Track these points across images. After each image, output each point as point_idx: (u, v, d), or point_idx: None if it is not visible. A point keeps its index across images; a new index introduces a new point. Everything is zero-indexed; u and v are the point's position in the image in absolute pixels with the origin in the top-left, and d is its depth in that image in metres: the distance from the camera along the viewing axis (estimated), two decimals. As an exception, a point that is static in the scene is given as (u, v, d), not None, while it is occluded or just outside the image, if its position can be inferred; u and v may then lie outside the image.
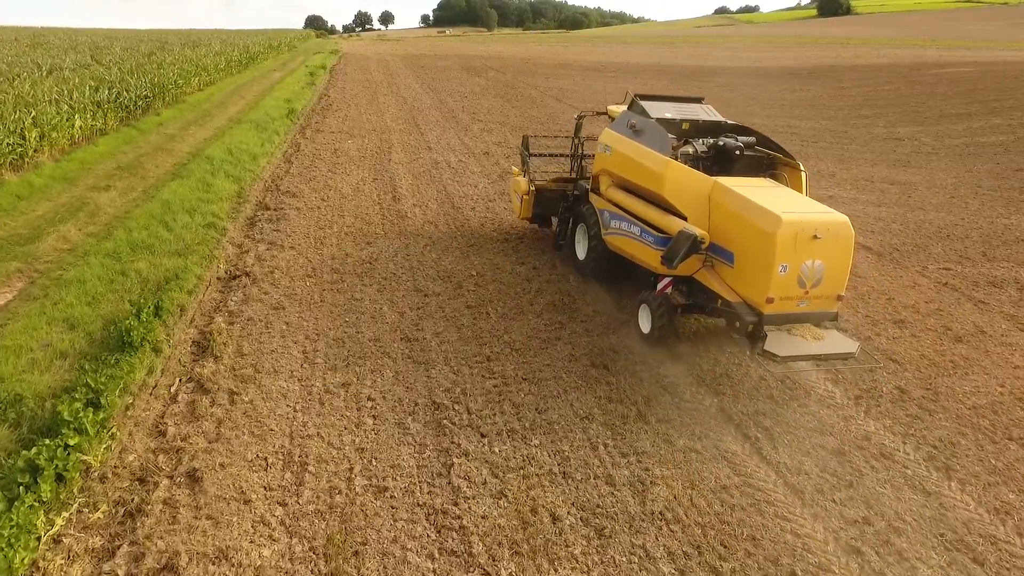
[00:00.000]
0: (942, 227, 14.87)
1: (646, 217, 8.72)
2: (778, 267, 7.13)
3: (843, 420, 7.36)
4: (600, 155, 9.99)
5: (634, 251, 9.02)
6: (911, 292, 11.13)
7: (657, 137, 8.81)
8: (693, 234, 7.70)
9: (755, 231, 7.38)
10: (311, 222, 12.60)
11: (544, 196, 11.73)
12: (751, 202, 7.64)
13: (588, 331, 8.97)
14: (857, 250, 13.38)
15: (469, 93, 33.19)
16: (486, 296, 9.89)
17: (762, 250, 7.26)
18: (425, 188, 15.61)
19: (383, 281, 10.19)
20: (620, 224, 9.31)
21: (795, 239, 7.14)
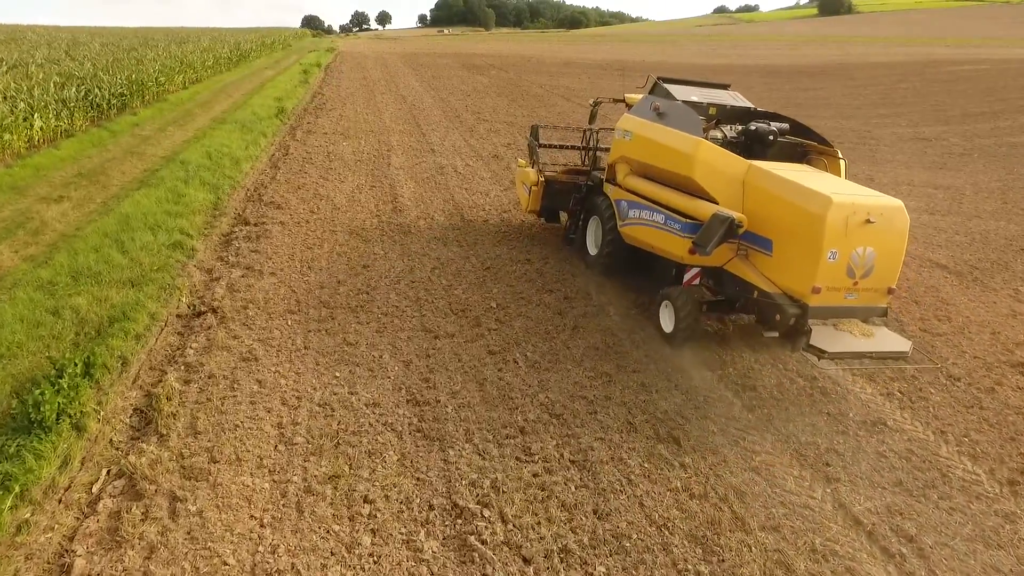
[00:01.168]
0: (1011, 238, 13.10)
1: (672, 203, 8.11)
2: (827, 253, 6.56)
3: (1004, 519, 5.48)
4: (618, 142, 9.35)
5: (657, 241, 8.39)
6: (1015, 324, 9.26)
7: (686, 118, 8.27)
8: (729, 216, 7.07)
9: (801, 214, 6.80)
10: (297, 240, 10.68)
11: (554, 188, 10.98)
12: (796, 184, 7.07)
13: (645, 386, 7.06)
14: (930, 268, 11.71)
15: (472, 91, 31.30)
16: (511, 336, 7.97)
17: (809, 234, 6.68)
18: (430, 197, 13.69)
19: (383, 318, 8.26)
20: (640, 213, 8.68)
21: (846, 223, 6.59)
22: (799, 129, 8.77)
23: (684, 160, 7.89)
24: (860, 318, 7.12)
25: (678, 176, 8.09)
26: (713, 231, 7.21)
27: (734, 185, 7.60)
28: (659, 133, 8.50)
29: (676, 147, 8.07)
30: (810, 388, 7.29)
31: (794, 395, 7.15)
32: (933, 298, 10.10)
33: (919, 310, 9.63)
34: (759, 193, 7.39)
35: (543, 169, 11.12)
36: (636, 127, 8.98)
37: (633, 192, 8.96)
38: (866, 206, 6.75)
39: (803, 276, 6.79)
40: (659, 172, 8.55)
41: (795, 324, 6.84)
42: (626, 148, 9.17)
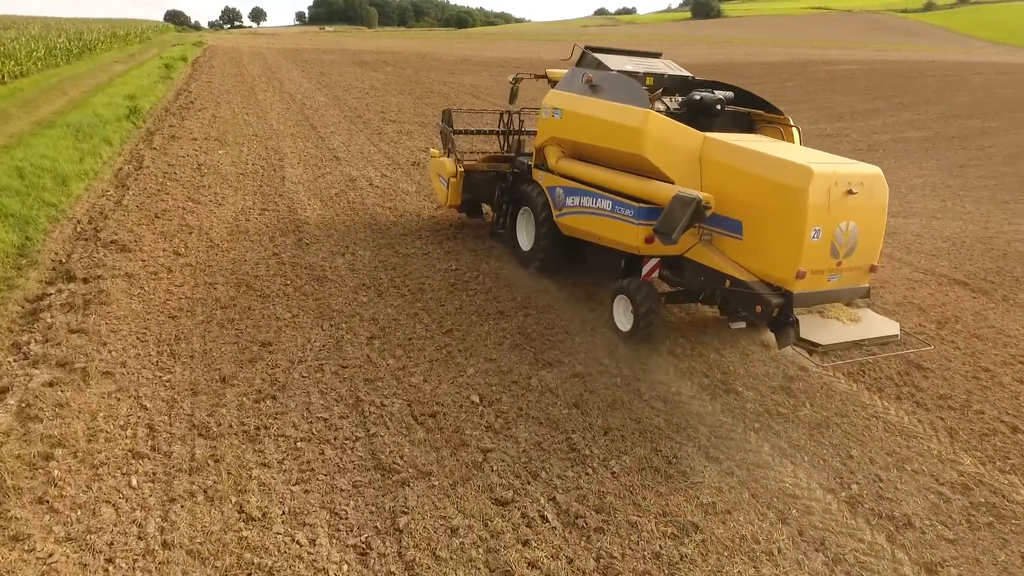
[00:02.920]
0: (984, 238, 12.44)
1: (620, 187, 7.18)
2: (811, 232, 5.79)
3: None
4: (546, 121, 8.29)
5: (604, 231, 7.43)
6: None
7: (627, 88, 7.35)
8: (695, 197, 6.15)
9: (778, 189, 5.99)
10: (153, 304, 7.06)
11: (474, 179, 9.84)
12: (766, 155, 6.31)
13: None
14: (940, 281, 10.07)
15: (369, 89, 27.65)
16: (518, 459, 5.00)
17: (789, 212, 5.88)
18: (344, 221, 10.34)
19: (302, 451, 4.95)
20: (581, 200, 7.73)
21: (828, 196, 5.85)
22: (744, 97, 8.04)
23: (631, 136, 6.91)
24: (844, 301, 6.33)
25: (624, 155, 7.11)
26: (677, 215, 6.21)
27: (690, 161, 6.71)
28: (597, 108, 7.50)
29: (620, 122, 7.09)
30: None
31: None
32: (985, 328, 8.23)
33: (981, 346, 7.67)
34: (721, 169, 6.50)
35: (461, 158, 9.91)
36: (567, 103, 7.97)
37: (569, 177, 7.97)
38: (847, 175, 6.00)
39: (784, 260, 5.94)
40: (600, 152, 7.56)
41: (778, 315, 5.91)
42: (556, 128, 8.15)
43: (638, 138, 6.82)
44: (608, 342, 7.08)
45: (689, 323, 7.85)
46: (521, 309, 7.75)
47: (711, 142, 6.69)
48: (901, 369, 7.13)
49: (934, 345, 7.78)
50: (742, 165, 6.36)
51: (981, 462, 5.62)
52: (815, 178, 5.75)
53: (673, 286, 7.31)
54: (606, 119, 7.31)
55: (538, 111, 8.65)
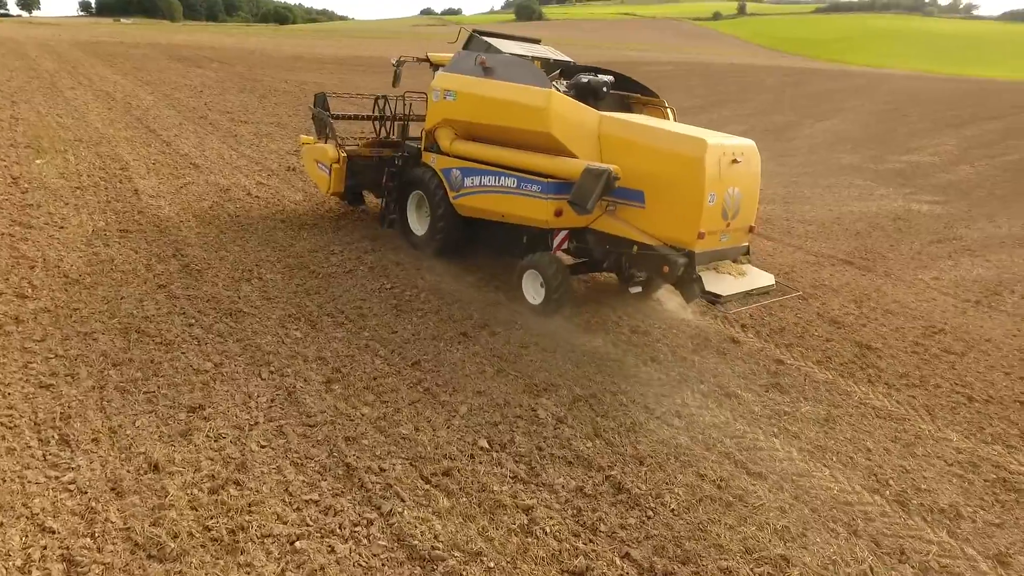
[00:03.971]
0: (834, 219, 14.02)
1: (526, 165, 7.38)
2: (708, 196, 6.42)
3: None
4: (438, 104, 8.30)
5: (510, 208, 7.59)
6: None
7: (526, 70, 7.66)
8: (606, 169, 6.63)
9: (677, 160, 6.60)
10: (7, 372, 5.18)
11: (357, 165, 9.44)
12: (662, 130, 7.07)
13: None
14: (831, 262, 10.92)
15: (202, 87, 24.49)
16: None
17: (689, 180, 6.47)
18: (232, 239, 8.66)
19: (317, 568, 3.72)
20: (482, 180, 7.84)
21: (719, 164, 6.51)
22: (622, 80, 8.53)
23: (536, 115, 7.16)
24: (731, 258, 7.06)
25: (528, 133, 7.31)
26: (590, 187, 6.66)
27: (590, 138, 7.13)
28: (496, 89, 7.63)
29: (524, 102, 7.28)
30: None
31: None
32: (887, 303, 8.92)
33: (898, 321, 8.27)
34: (620, 144, 6.98)
35: (343, 144, 9.50)
36: (461, 85, 8.02)
37: (467, 158, 8.02)
38: (731, 147, 6.68)
39: (686, 223, 6.54)
40: (500, 132, 7.67)
41: (683, 274, 6.53)
42: (450, 110, 8.17)
43: (543, 117, 7.10)
44: (591, 356, 6.49)
45: (641, 313, 7.53)
46: (483, 328, 6.89)
47: (608, 119, 7.20)
48: (855, 352, 7.36)
49: (870, 325, 8.21)
50: (641, 140, 6.91)
51: (966, 436, 5.85)
52: (709, 149, 6.40)
53: (577, 257, 7.74)
54: (508, 99, 7.47)
55: (429, 93, 8.57)
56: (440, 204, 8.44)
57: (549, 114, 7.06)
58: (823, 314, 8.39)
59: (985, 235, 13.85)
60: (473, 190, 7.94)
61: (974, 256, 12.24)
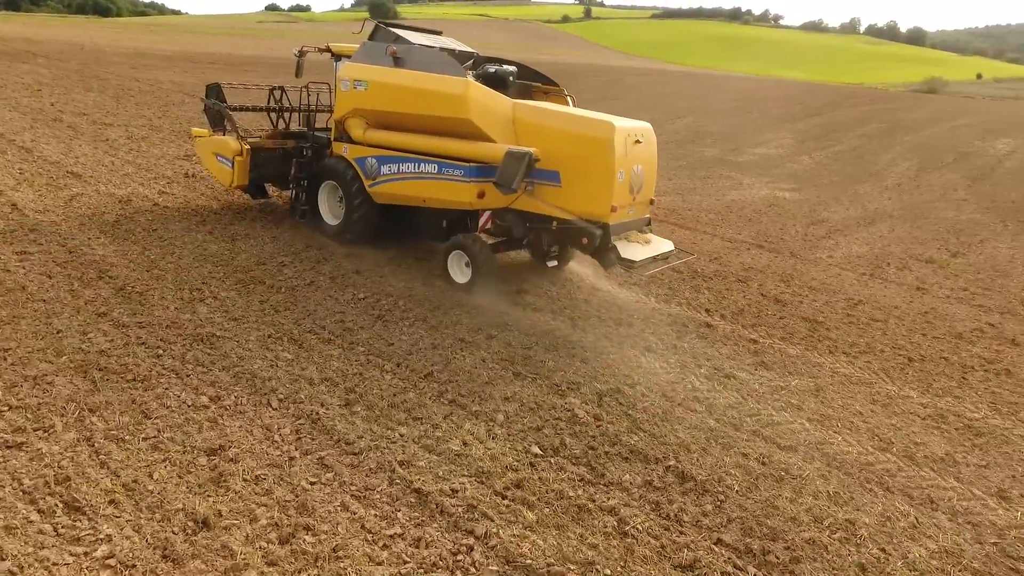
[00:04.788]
0: (724, 207, 15.30)
1: (446, 150, 7.68)
2: (618, 173, 7.03)
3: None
4: (348, 94, 8.37)
5: (432, 192, 7.86)
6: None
7: (441, 60, 7.95)
8: (527, 151, 7.10)
9: (588, 141, 7.15)
10: (-46, 425, 4.22)
11: (261, 157, 9.22)
12: (572, 115, 7.60)
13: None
14: (746, 247, 11.93)
15: (38, 85, 21.25)
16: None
17: (600, 159, 7.04)
18: (162, 255, 7.61)
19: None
20: (401, 167, 8.03)
21: (625, 145, 7.14)
22: (524, 71, 8.91)
23: (455, 102, 7.48)
24: (637, 229, 7.69)
25: (446, 120, 7.61)
26: (514, 168, 7.07)
27: (506, 123, 7.53)
28: (411, 79, 7.86)
29: (442, 90, 7.58)
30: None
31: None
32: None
33: (824, 296, 9.26)
34: (534, 129, 7.41)
35: (245, 136, 9.24)
36: (374, 75, 8.15)
37: (383, 147, 8.18)
38: (634, 129, 7.36)
39: (600, 198, 7.06)
40: (415, 120, 7.90)
41: (600, 244, 7.09)
42: (361, 99, 8.27)
43: (462, 104, 7.42)
44: (594, 352, 6.54)
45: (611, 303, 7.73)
46: (478, 332, 6.68)
47: (521, 106, 7.67)
48: (807, 327, 8.06)
49: (806, 302, 9.03)
50: (554, 124, 7.40)
51: (921, 392, 6.63)
52: (617, 131, 7.02)
53: (497, 237, 8.15)
54: (425, 88, 7.70)
55: (338, 84, 8.57)
56: (356, 193, 8.52)
57: (468, 101, 7.41)
58: (765, 295, 9.09)
59: (842, 217, 15.74)
60: (391, 177, 8.14)
61: (845, 236, 13.86)
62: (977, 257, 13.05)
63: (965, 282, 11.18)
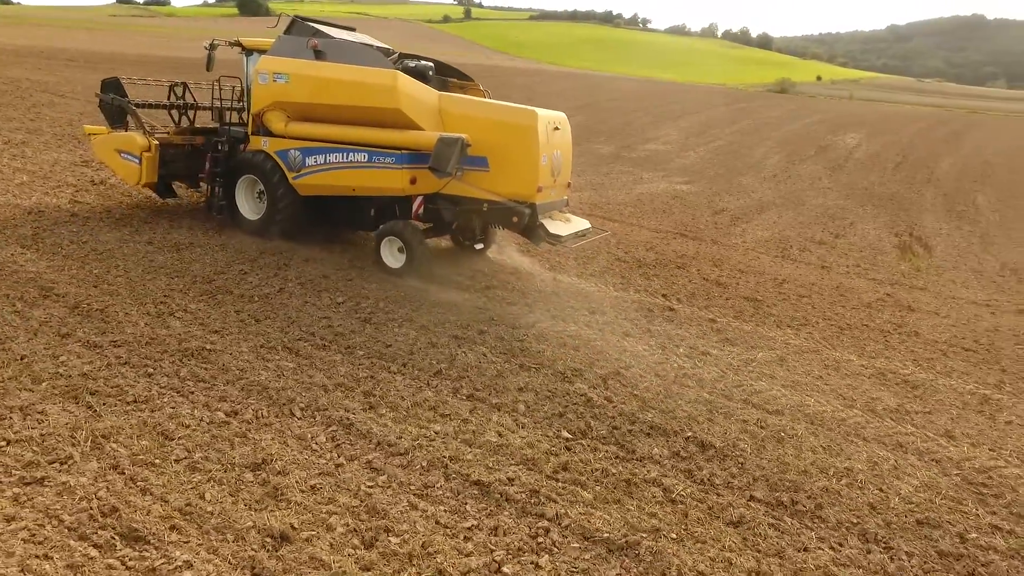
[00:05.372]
0: (637, 199, 16.46)
1: (376, 140, 7.95)
2: (542, 157, 7.56)
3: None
4: (267, 87, 8.37)
5: (363, 181, 8.11)
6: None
7: (366, 53, 8.31)
8: (459, 137, 7.48)
9: (515, 129, 7.65)
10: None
11: (168, 153, 9.03)
12: (498, 105, 8.14)
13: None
14: (673, 236, 12.84)
15: None
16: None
17: (526, 145, 7.54)
18: (104, 269, 6.99)
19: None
20: (328, 158, 8.17)
21: (546, 131, 7.68)
22: (441, 66, 9.29)
23: (385, 93, 7.74)
24: (557, 208, 8.31)
25: (376, 111, 7.85)
26: (448, 153, 7.41)
27: (433, 113, 7.90)
28: (339, 71, 8.05)
29: (372, 82, 7.83)
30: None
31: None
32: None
33: (755, 278, 10.23)
34: (461, 118, 7.85)
35: (152, 132, 9.01)
36: (295, 68, 8.22)
37: (308, 139, 8.25)
38: (552, 117, 7.94)
39: (527, 181, 7.62)
40: (342, 111, 8.04)
41: (529, 222, 7.68)
42: (282, 92, 8.31)
43: (393, 95, 7.69)
44: (583, 341, 6.84)
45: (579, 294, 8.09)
46: (467, 327, 6.75)
47: (447, 98, 8.16)
48: (751, 306, 8.85)
49: (737, 282, 9.87)
50: (481, 114, 7.92)
51: (858, 356, 7.54)
52: (539, 119, 7.60)
53: (426, 222, 8.40)
54: (353, 80, 7.92)
55: (257, 75, 8.48)
56: (279, 186, 8.50)
57: (397, 92, 7.70)
58: (707, 278, 9.85)
59: (737, 206, 17.23)
60: (316, 169, 8.24)
61: (746, 223, 15.22)
62: (854, 237, 14.80)
63: (854, 260, 12.69)
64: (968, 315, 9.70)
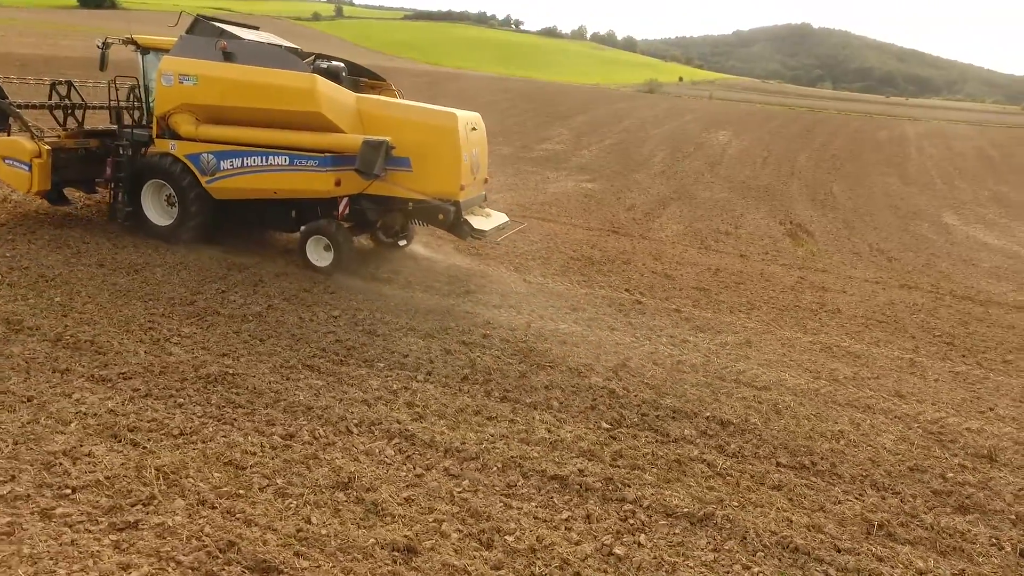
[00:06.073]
0: (562, 196, 17.31)
1: (296, 143, 7.91)
2: (464, 157, 7.88)
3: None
4: (172, 89, 8.12)
5: (285, 184, 8.06)
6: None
7: (281, 56, 8.18)
8: (383, 140, 7.62)
9: (437, 130, 7.92)
10: None
11: (60, 158, 8.54)
12: (418, 107, 8.29)
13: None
14: (606, 234, 13.62)
15: None
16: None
17: (448, 145, 7.83)
18: (97, 307, 6.39)
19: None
20: (244, 162, 8.06)
21: (466, 132, 8.00)
22: (351, 66, 9.39)
23: (305, 96, 7.70)
24: (477, 204, 8.72)
25: (294, 114, 7.81)
26: (374, 156, 7.56)
27: (353, 115, 7.98)
28: (253, 73, 7.89)
29: (289, 85, 7.76)
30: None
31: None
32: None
33: (694, 270, 11.22)
34: (380, 120, 8.00)
35: (42, 135, 8.48)
36: (204, 70, 8.00)
37: (222, 142, 8.10)
38: (469, 118, 8.28)
39: (450, 179, 7.92)
40: (257, 113, 7.94)
41: (455, 218, 8.01)
42: (191, 95, 8.08)
43: (312, 98, 7.66)
44: (581, 339, 7.23)
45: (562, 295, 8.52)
46: (470, 333, 6.91)
47: (364, 100, 8.22)
48: (702, 295, 9.67)
49: (680, 276, 10.73)
50: (401, 115, 8.09)
51: (802, 334, 8.54)
52: (459, 120, 7.88)
53: (349, 222, 8.54)
54: (269, 83, 7.79)
55: (161, 76, 8.19)
56: (191, 190, 8.30)
57: (317, 95, 7.67)
58: (655, 272, 10.60)
59: (643, 202, 18.45)
60: (233, 172, 8.12)
61: (657, 218, 16.37)
62: (750, 227, 16.38)
63: (761, 247, 14.10)
64: (867, 292, 11.20)
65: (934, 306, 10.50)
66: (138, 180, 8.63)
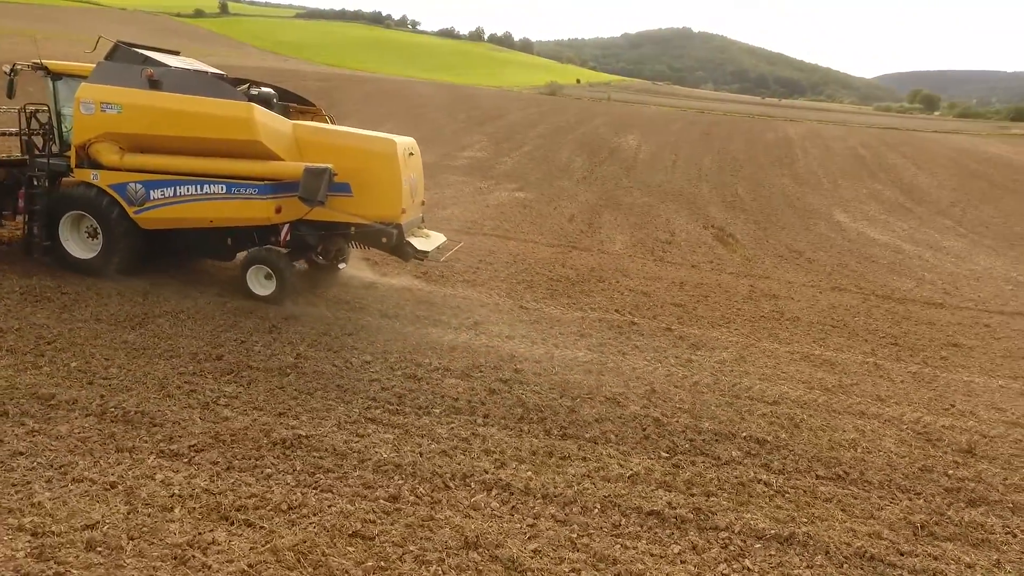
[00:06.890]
0: (501, 208, 17.69)
1: (231, 171, 7.87)
2: (403, 181, 8.15)
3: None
4: (94, 118, 7.91)
5: (220, 213, 8.02)
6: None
7: (210, 83, 8.13)
8: (325, 168, 7.70)
9: (376, 156, 8.15)
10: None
11: None
12: (356, 134, 8.49)
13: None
14: (548, 248, 14.13)
15: None
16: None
17: (388, 170, 8.08)
18: (116, 367, 5.96)
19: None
20: (176, 191, 7.97)
21: (404, 157, 8.26)
22: (280, 92, 9.45)
23: (242, 125, 7.68)
24: (415, 226, 9.06)
25: (231, 142, 7.76)
26: (316, 184, 7.64)
27: (290, 142, 8.04)
28: (183, 102, 7.75)
29: (224, 114, 7.72)
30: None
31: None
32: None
33: (635, 280, 11.99)
34: (318, 147, 8.09)
35: None
36: (128, 98, 7.83)
37: (150, 171, 7.98)
38: (406, 144, 8.54)
39: (391, 203, 8.17)
40: (187, 142, 7.84)
41: (397, 241, 8.27)
42: (114, 123, 7.92)
43: (249, 127, 7.65)
44: (594, 363, 7.60)
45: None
46: (500, 369, 7.12)
47: (300, 127, 8.30)
48: (681, 311, 10.34)
49: (637, 288, 11.41)
50: (340, 142, 8.21)
51: (781, 344, 9.41)
52: (398, 146, 8.13)
53: (288, 248, 8.53)
54: (201, 112, 7.70)
55: (80, 104, 7.90)
56: (118, 222, 8.10)
57: (254, 124, 7.65)
58: (633, 289, 11.20)
59: (579, 211, 19.15)
60: (164, 202, 7.98)
61: (599, 228, 17.11)
62: (682, 234, 17.48)
63: (703, 255, 15.14)
64: (809, 297, 12.41)
65: (867, 307, 11.83)
66: (55, 212, 8.26)
